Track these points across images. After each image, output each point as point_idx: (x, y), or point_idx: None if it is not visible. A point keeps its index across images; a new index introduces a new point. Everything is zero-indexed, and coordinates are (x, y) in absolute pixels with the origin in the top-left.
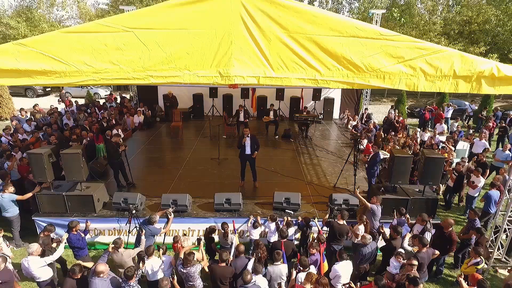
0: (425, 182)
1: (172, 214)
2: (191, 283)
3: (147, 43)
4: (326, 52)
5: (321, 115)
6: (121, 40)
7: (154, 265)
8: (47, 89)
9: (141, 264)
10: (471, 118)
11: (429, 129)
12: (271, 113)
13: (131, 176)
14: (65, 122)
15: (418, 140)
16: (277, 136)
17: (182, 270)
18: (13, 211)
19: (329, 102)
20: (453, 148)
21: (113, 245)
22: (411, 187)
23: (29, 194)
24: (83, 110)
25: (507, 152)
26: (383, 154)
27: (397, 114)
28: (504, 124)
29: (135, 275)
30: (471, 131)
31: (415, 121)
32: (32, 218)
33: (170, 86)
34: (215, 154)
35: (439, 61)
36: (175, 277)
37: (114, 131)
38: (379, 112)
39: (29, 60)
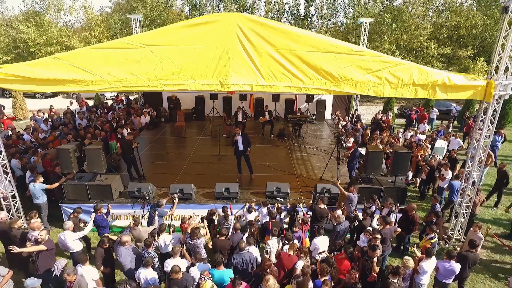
0: (395, 173)
1: (177, 199)
2: (197, 252)
3: (160, 57)
4: (308, 65)
5: (314, 116)
6: (139, 54)
7: (166, 240)
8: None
9: (156, 237)
10: (456, 118)
11: (414, 128)
12: (267, 114)
13: (142, 169)
14: (78, 122)
15: (401, 138)
16: (272, 135)
17: (190, 242)
18: (42, 199)
19: (321, 103)
20: (429, 146)
21: (133, 222)
22: (384, 178)
23: (56, 184)
24: (93, 111)
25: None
26: (363, 150)
27: (383, 115)
28: None
29: (152, 244)
30: (449, 130)
31: (404, 121)
32: (59, 204)
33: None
34: (216, 151)
35: (400, 72)
36: (185, 246)
37: (124, 131)
38: (371, 112)
39: (63, 71)
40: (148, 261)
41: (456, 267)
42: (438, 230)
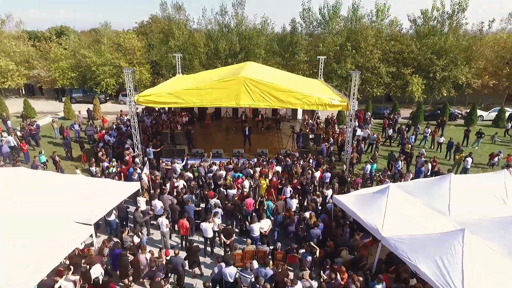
0: (316, 144)
1: (211, 154)
2: (229, 170)
3: (211, 93)
4: (274, 96)
5: (290, 117)
6: (203, 91)
7: (215, 167)
8: (106, 98)
9: (212, 165)
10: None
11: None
12: (260, 115)
13: (194, 144)
14: (146, 120)
15: (337, 130)
16: (262, 128)
17: (226, 166)
18: (151, 155)
19: (295, 109)
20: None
21: (203, 159)
22: (314, 147)
23: (159, 149)
24: (151, 114)
25: (375, 135)
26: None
27: (332, 115)
28: (391, 122)
29: (212, 166)
30: (369, 125)
31: None
32: (160, 158)
33: None
34: (230, 136)
35: (311, 99)
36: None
37: (178, 126)
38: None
39: (173, 99)
40: (212, 170)
41: (329, 175)
42: (330, 166)
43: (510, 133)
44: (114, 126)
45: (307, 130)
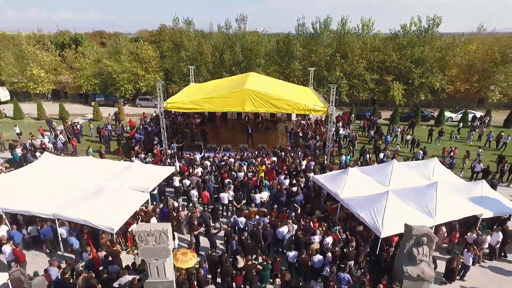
0: (304, 140)
1: (222, 148)
2: (236, 160)
3: (222, 101)
4: (271, 103)
5: (286, 118)
6: (216, 99)
7: (225, 157)
8: (125, 102)
9: (223, 156)
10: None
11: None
12: (260, 118)
13: (208, 141)
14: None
15: (323, 130)
16: (262, 128)
17: (235, 157)
18: (175, 149)
19: None
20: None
21: (216, 152)
22: (302, 143)
23: (181, 145)
24: (169, 116)
25: (353, 134)
26: (295, 131)
27: (321, 117)
28: (370, 123)
29: (224, 156)
30: (351, 126)
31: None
32: (182, 152)
33: None
34: (236, 134)
35: (299, 106)
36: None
37: (193, 126)
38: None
39: (193, 105)
40: (224, 159)
41: (313, 164)
42: (314, 157)
43: (460, 131)
44: (141, 127)
45: (298, 130)
